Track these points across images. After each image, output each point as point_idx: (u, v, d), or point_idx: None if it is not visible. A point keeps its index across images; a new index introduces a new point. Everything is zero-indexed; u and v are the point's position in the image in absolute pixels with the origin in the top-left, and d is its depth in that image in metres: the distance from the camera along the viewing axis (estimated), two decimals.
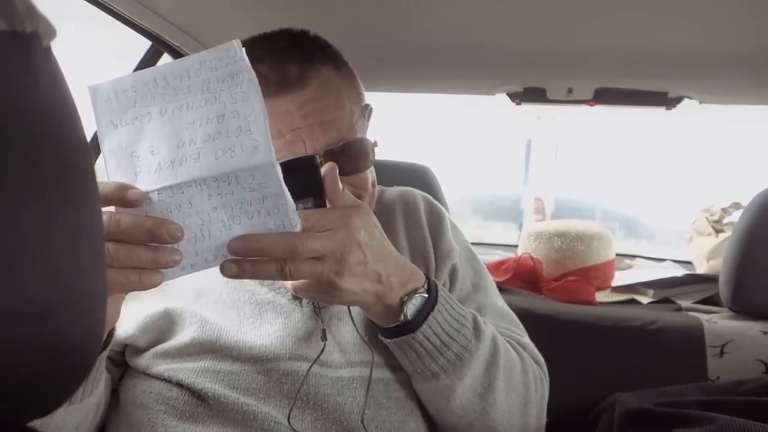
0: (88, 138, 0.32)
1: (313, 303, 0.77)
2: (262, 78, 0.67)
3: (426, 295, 0.68)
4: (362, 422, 0.71)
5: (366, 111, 0.82)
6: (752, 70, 1.18)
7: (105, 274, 0.32)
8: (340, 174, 0.62)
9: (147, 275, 0.53)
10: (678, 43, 1.12)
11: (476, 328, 0.72)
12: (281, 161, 0.54)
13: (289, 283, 0.63)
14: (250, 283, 0.80)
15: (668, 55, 1.18)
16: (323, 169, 0.62)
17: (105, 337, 0.64)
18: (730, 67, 1.18)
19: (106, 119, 0.53)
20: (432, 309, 0.68)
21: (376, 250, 0.63)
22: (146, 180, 0.52)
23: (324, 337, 0.73)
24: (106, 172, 0.53)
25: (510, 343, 0.78)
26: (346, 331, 0.77)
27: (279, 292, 0.78)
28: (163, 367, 0.73)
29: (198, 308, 0.77)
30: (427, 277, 0.70)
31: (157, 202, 0.52)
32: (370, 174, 0.80)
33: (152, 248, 0.53)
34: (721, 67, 1.19)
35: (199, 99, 0.52)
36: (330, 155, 0.72)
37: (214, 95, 0.52)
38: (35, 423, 0.67)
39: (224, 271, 0.56)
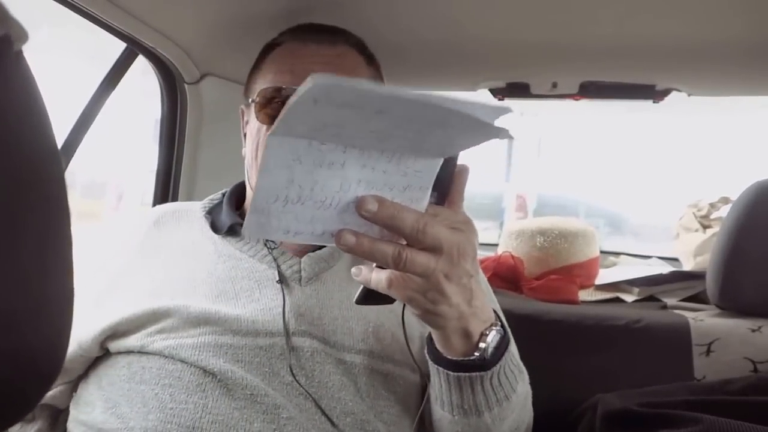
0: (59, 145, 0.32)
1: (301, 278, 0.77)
2: (300, 28, 0.85)
3: (502, 333, 0.63)
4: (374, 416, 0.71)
5: None
6: (741, 60, 1.16)
7: (72, 281, 0.32)
8: None
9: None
10: (665, 34, 1.10)
11: (519, 369, 0.70)
12: None
13: (385, 278, 0.58)
14: (247, 262, 0.79)
15: (655, 46, 1.15)
16: (458, 168, 0.58)
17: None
18: (719, 58, 1.16)
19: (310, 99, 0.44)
20: (506, 349, 0.63)
21: (477, 269, 0.59)
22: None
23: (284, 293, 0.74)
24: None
25: None
26: (351, 316, 0.76)
27: (280, 269, 0.78)
28: (160, 345, 0.71)
29: (190, 295, 0.75)
30: (495, 311, 0.65)
31: (317, 151, 0.48)
32: None
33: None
34: (709, 58, 1.17)
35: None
36: None
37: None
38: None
39: (341, 241, 0.52)
